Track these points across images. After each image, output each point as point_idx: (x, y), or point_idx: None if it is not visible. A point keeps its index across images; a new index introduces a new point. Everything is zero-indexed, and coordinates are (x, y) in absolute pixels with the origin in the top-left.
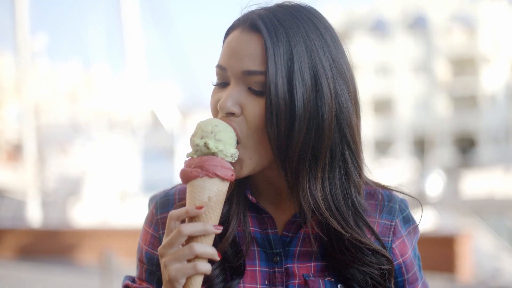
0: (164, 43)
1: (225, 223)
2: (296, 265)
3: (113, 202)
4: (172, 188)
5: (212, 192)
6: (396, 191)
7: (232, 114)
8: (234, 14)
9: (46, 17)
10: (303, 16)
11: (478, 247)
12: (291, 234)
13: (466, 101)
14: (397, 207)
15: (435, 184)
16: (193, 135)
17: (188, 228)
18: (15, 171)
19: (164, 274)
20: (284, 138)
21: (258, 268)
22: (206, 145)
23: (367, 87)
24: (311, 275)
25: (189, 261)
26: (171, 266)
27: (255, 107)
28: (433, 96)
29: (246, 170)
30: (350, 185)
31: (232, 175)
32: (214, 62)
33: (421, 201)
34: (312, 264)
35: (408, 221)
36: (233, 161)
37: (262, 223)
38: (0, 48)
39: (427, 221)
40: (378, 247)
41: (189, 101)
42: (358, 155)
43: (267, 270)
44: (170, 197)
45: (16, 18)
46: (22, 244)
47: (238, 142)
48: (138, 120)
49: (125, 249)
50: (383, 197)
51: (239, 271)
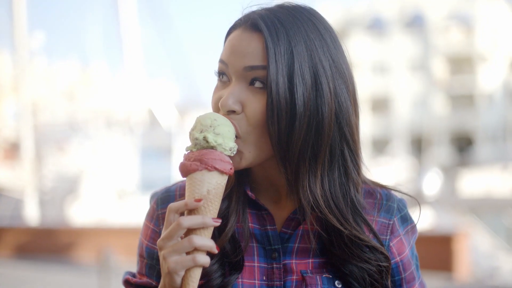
0: (162, 42)
1: (224, 219)
2: (294, 261)
3: (111, 201)
4: (173, 185)
5: (211, 185)
6: (395, 190)
7: (233, 111)
8: (233, 13)
9: (43, 15)
10: (303, 17)
11: (475, 246)
12: (289, 231)
13: (464, 99)
14: (395, 206)
15: (432, 183)
16: (192, 129)
17: (187, 221)
18: (13, 169)
19: (163, 266)
20: (284, 136)
21: (256, 264)
22: (205, 138)
23: (364, 86)
24: (309, 271)
25: (188, 253)
26: (170, 258)
27: (255, 104)
28: (430, 95)
29: (244, 162)
30: (349, 183)
31: (231, 169)
32: (212, 61)
33: (418, 200)
34: (310, 260)
35: (406, 220)
36: (232, 154)
37: (261, 219)
38: None
39: (424, 219)
40: (377, 244)
41: (187, 99)
42: (357, 153)
43: (266, 266)
44: (171, 193)
45: (14, 17)
46: (20, 242)
47: (238, 137)
48: (136, 119)
49: (123, 247)
50: (381, 196)
51: (238, 266)
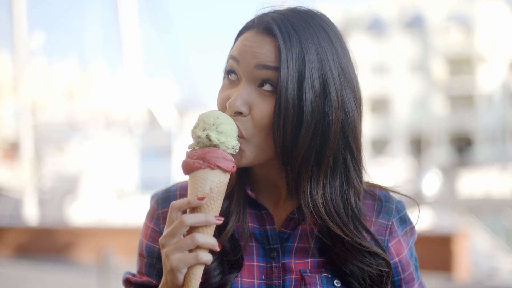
0: (161, 42)
1: (224, 218)
2: (293, 260)
3: (110, 201)
4: (173, 185)
5: (214, 184)
6: (393, 191)
7: (240, 113)
8: (232, 13)
9: (43, 15)
10: (316, 23)
11: (475, 246)
12: (288, 231)
13: (463, 100)
14: (394, 207)
15: (431, 184)
16: (194, 127)
17: (190, 219)
18: (12, 169)
19: (166, 264)
20: (289, 142)
21: (255, 263)
22: (208, 137)
23: (364, 86)
24: (308, 271)
25: (190, 251)
26: (173, 256)
27: (263, 107)
28: (429, 96)
29: (245, 161)
30: (350, 190)
31: (233, 167)
32: (212, 61)
33: (417, 200)
34: (309, 260)
35: (405, 221)
36: (234, 153)
37: (261, 219)
38: None
39: (424, 220)
40: (378, 250)
41: (186, 99)
42: (360, 161)
43: (265, 265)
44: (171, 193)
45: (13, 17)
46: (19, 242)
47: (241, 137)
48: (135, 119)
49: (122, 247)
50: (380, 197)
51: (237, 265)
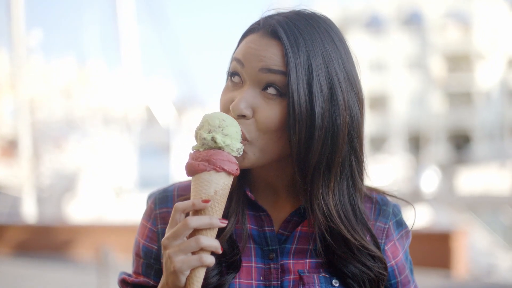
0: (160, 39)
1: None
2: (291, 261)
3: (108, 198)
4: (171, 185)
5: (219, 186)
6: (389, 195)
7: (243, 116)
8: (230, 11)
9: (41, 13)
10: (320, 27)
11: (473, 244)
12: (287, 233)
13: (461, 97)
14: (390, 210)
15: (430, 181)
16: (199, 128)
17: (195, 221)
18: (10, 167)
19: (168, 265)
20: (303, 146)
21: (254, 265)
22: (213, 139)
23: (362, 84)
24: (306, 271)
25: (193, 253)
26: (176, 258)
27: (267, 111)
28: (428, 93)
29: (247, 163)
30: (356, 193)
31: (237, 170)
32: (210, 59)
33: (416, 197)
34: (307, 260)
35: (401, 225)
36: (238, 155)
37: (259, 220)
38: None
39: (422, 217)
40: (380, 255)
41: (184, 97)
42: (363, 165)
43: (263, 266)
44: (169, 193)
45: (11, 14)
46: (17, 240)
47: (244, 139)
48: (134, 116)
49: (121, 245)
50: (377, 200)
51: (235, 266)
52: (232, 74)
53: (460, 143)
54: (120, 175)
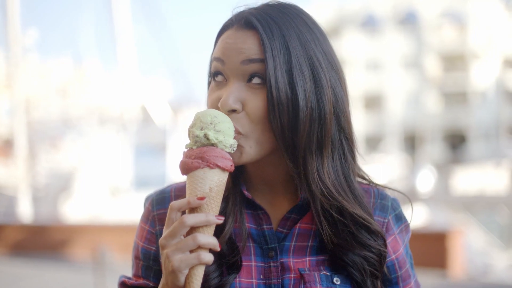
0: (155, 39)
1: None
2: (291, 259)
3: (104, 198)
4: (168, 186)
5: (213, 183)
6: (388, 188)
7: (234, 110)
8: (225, 10)
9: (37, 12)
10: (292, 13)
11: (469, 243)
12: (285, 230)
13: (457, 97)
14: (389, 204)
15: (426, 180)
16: (191, 126)
17: (191, 219)
18: (6, 166)
19: (166, 265)
20: (288, 130)
21: (253, 263)
22: (206, 136)
23: (357, 83)
24: (307, 269)
25: (191, 251)
26: (174, 257)
27: (256, 101)
28: (423, 92)
29: (246, 157)
30: (349, 171)
31: (231, 165)
32: (206, 58)
33: (412, 197)
34: (307, 258)
35: (400, 219)
36: (232, 151)
37: (258, 219)
38: None
39: (418, 217)
40: (377, 228)
41: (180, 96)
42: (353, 142)
43: (263, 265)
44: (166, 194)
45: (7, 14)
46: (13, 239)
47: (238, 133)
48: (129, 116)
49: (117, 244)
50: (375, 194)
51: (236, 267)
52: (214, 74)
53: (456, 142)
54: (116, 174)
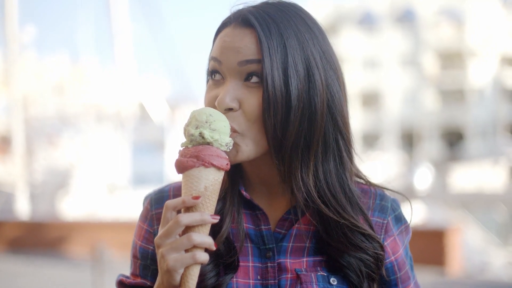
0: (153, 36)
1: (219, 220)
2: (288, 260)
3: (101, 195)
4: (166, 185)
5: (209, 182)
6: (388, 189)
7: (230, 109)
8: (223, 8)
9: (34, 9)
10: (291, 11)
11: (467, 241)
12: (283, 231)
13: (454, 95)
14: (389, 205)
15: (423, 178)
16: (187, 125)
17: (186, 218)
18: (3, 163)
19: (162, 264)
20: (280, 129)
21: (251, 264)
22: (201, 135)
23: (355, 81)
24: (303, 270)
25: (186, 251)
26: (169, 256)
27: (252, 99)
28: (421, 90)
29: (241, 156)
30: (345, 172)
31: (227, 164)
32: (203, 55)
33: (409, 195)
34: (304, 259)
35: (400, 220)
36: (227, 150)
37: (256, 219)
38: None
39: (416, 215)
40: (372, 233)
41: (177, 94)
42: (350, 143)
43: (260, 265)
44: (165, 193)
45: (5, 11)
46: (11, 237)
47: (235, 131)
48: (127, 113)
49: (114, 241)
50: (375, 195)
51: (233, 267)
52: (212, 72)
53: (453, 140)
54: (113, 172)
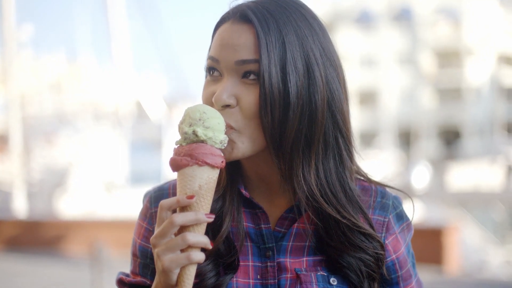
0: (150, 34)
1: (218, 219)
2: (288, 259)
3: (99, 194)
4: (166, 183)
5: (203, 180)
6: (389, 187)
7: (227, 106)
8: (221, 6)
9: (32, 8)
10: (291, 7)
11: (464, 240)
12: (283, 230)
13: (451, 93)
14: (390, 203)
15: (421, 176)
16: (181, 122)
17: (180, 218)
18: (1, 162)
19: (158, 264)
20: (277, 126)
21: (251, 263)
22: (195, 132)
23: (352, 79)
24: (303, 269)
25: (182, 250)
26: (164, 257)
27: (250, 96)
28: (418, 88)
29: (237, 153)
30: (345, 170)
31: (222, 162)
32: (200, 53)
33: (411, 195)
34: (304, 259)
35: (402, 218)
36: (222, 147)
37: (256, 218)
38: None
39: (414, 213)
40: (373, 232)
41: (175, 92)
42: (350, 141)
43: (260, 265)
44: (165, 191)
45: (2, 9)
46: (8, 235)
47: (231, 128)
48: (124, 112)
49: (112, 240)
50: (376, 193)
51: (233, 267)
52: (209, 69)
53: (451, 138)
54: (111, 170)
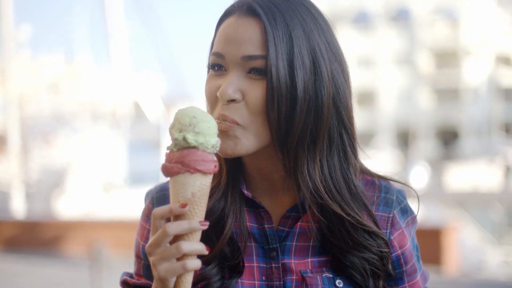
0: (148, 34)
1: (221, 220)
2: (293, 261)
3: (98, 194)
4: (168, 182)
5: (195, 188)
6: (393, 180)
7: (233, 100)
8: (220, 5)
9: (30, 8)
10: (296, 1)
11: (463, 240)
12: (286, 229)
13: (449, 93)
14: (394, 198)
15: (419, 177)
16: (171, 127)
17: (174, 228)
18: None
19: (154, 273)
20: (284, 122)
21: (255, 264)
22: (185, 139)
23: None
24: (309, 271)
25: (178, 259)
26: (159, 266)
27: (255, 91)
28: (416, 89)
29: (241, 148)
30: (349, 167)
31: (215, 167)
32: (199, 53)
33: (409, 192)
34: (309, 260)
35: (406, 211)
36: (215, 151)
37: (259, 218)
38: None
39: (419, 206)
40: (377, 230)
41: (173, 92)
42: (354, 137)
43: (265, 266)
44: (167, 191)
45: (0, 9)
46: (6, 236)
47: (236, 124)
48: (122, 112)
49: (111, 240)
50: (380, 188)
51: (238, 269)
52: (213, 66)
53: (448, 139)
54: (109, 170)
